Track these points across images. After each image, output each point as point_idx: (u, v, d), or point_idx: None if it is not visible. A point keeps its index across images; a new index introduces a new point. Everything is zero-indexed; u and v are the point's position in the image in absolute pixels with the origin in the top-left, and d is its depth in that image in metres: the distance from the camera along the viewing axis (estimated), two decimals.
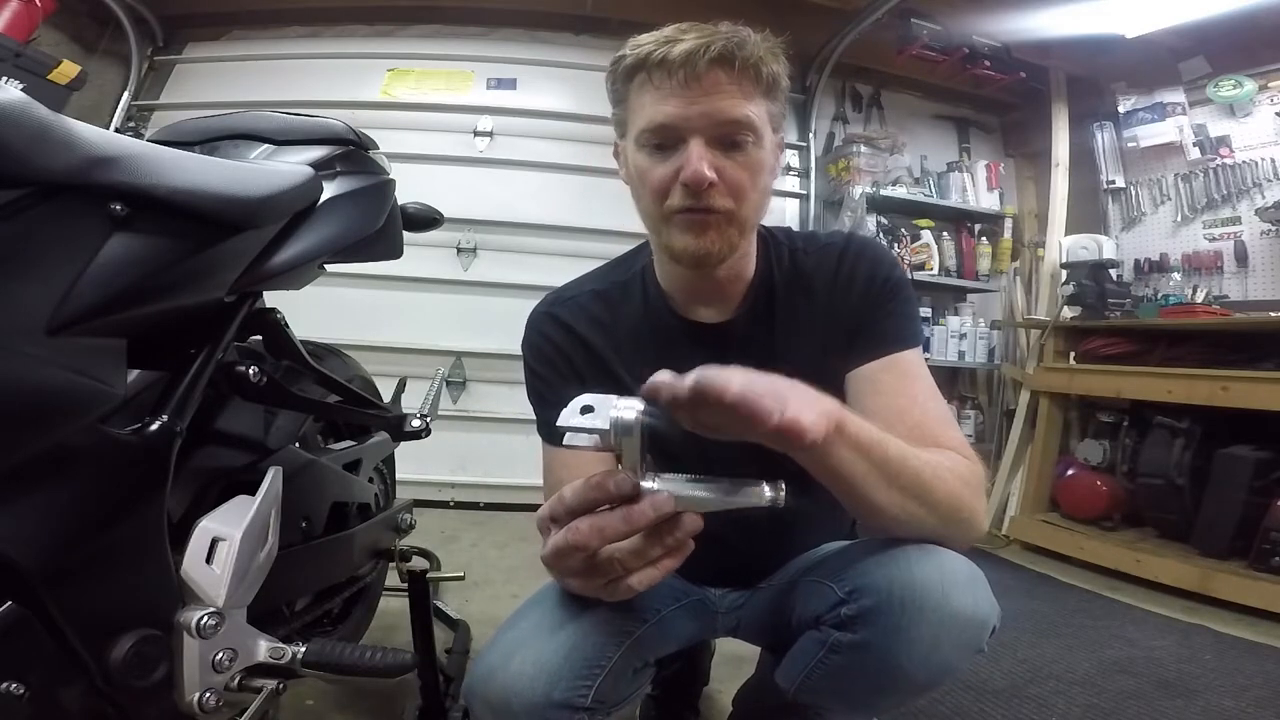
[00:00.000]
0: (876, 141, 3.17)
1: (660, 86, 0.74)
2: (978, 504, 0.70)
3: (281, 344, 0.90)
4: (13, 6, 2.42)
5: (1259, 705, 1.38)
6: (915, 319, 0.84)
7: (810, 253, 0.87)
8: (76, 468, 0.58)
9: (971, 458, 0.72)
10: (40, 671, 0.55)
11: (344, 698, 1.24)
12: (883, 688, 0.69)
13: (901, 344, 0.80)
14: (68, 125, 0.56)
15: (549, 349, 0.88)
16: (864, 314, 0.82)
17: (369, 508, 1.14)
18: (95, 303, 0.57)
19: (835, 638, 0.69)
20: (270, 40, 3.18)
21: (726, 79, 0.73)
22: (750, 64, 0.73)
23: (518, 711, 0.72)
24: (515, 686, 0.72)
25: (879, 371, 0.79)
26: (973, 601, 0.65)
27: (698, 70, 0.72)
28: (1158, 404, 2.33)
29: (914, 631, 0.63)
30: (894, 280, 0.83)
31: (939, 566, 0.65)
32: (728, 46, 0.72)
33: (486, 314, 2.91)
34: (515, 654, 0.75)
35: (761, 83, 0.75)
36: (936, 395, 0.79)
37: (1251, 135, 2.67)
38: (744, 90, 0.74)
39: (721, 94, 0.73)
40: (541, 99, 3.07)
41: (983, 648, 0.67)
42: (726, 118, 0.73)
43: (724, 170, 0.74)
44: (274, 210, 0.79)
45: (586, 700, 0.75)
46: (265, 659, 0.74)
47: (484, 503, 2.82)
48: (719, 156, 0.74)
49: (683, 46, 0.72)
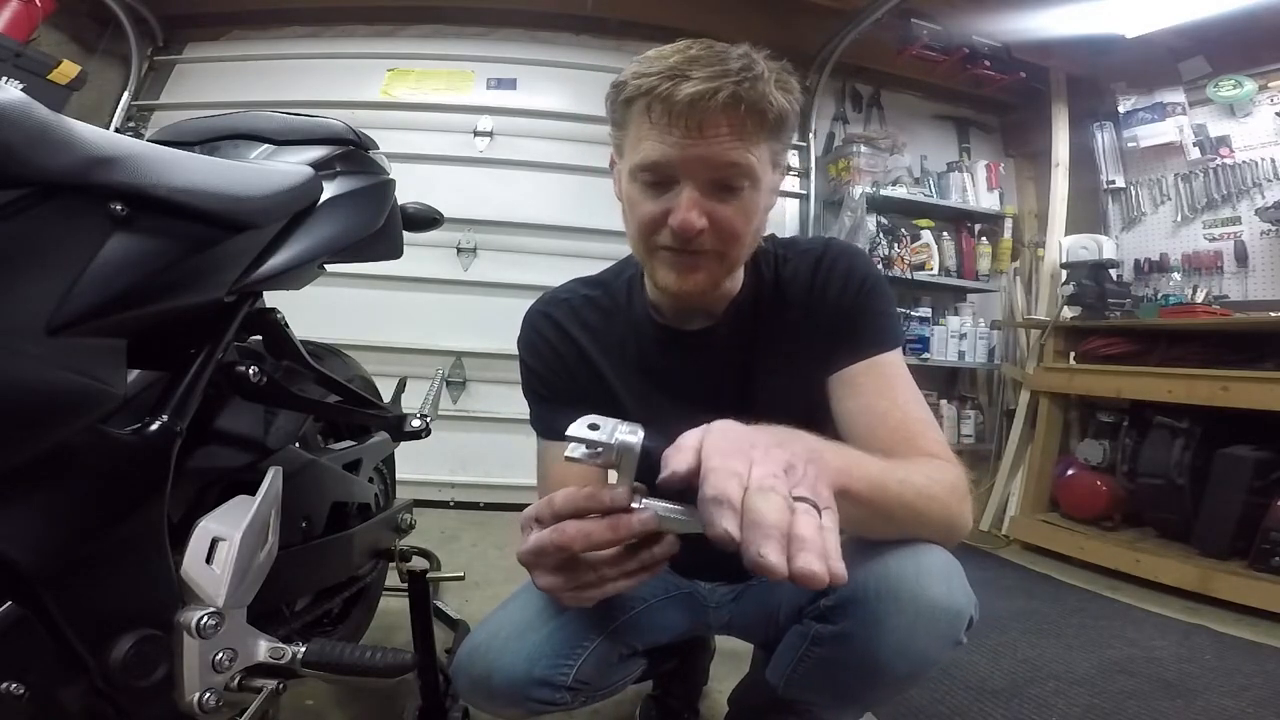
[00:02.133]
0: (876, 141, 3.16)
1: (658, 124, 0.70)
2: (965, 508, 0.71)
3: (281, 344, 0.90)
4: (13, 6, 2.42)
5: (1259, 705, 1.38)
6: (893, 319, 0.85)
7: (789, 259, 0.87)
8: (77, 468, 0.57)
9: (952, 460, 0.73)
10: (40, 671, 0.55)
11: (344, 698, 1.24)
12: (864, 679, 0.70)
13: (880, 345, 0.80)
14: (68, 125, 0.56)
15: (544, 347, 0.90)
16: (841, 318, 0.82)
17: (369, 508, 1.13)
18: (95, 303, 0.57)
19: (816, 629, 0.71)
20: (270, 40, 3.17)
21: (730, 124, 0.69)
22: (758, 108, 0.69)
23: (498, 686, 0.77)
24: (497, 663, 0.77)
25: (859, 374, 0.79)
26: (947, 591, 0.66)
27: (701, 116, 0.68)
28: (1158, 404, 2.33)
29: (890, 621, 0.65)
30: (870, 283, 0.83)
31: (915, 559, 0.67)
32: (738, 91, 0.68)
33: (486, 314, 2.91)
34: (499, 633, 0.80)
35: (767, 124, 0.71)
36: (917, 396, 0.80)
37: (1251, 135, 2.67)
38: (747, 134, 0.70)
39: (722, 140, 0.70)
40: (541, 99, 3.07)
41: (960, 639, 0.68)
42: (724, 163, 0.71)
43: (715, 214, 0.72)
44: (274, 210, 0.79)
45: (568, 680, 0.78)
46: (265, 659, 0.73)
47: (484, 503, 2.82)
48: (712, 201, 0.72)
49: (689, 89, 0.67)
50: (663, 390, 0.88)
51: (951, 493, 0.69)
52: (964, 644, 0.69)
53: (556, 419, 0.88)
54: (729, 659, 1.29)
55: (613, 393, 0.89)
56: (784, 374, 0.85)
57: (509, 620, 0.81)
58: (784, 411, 0.81)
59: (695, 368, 0.87)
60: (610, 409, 0.87)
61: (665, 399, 0.88)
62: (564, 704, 0.80)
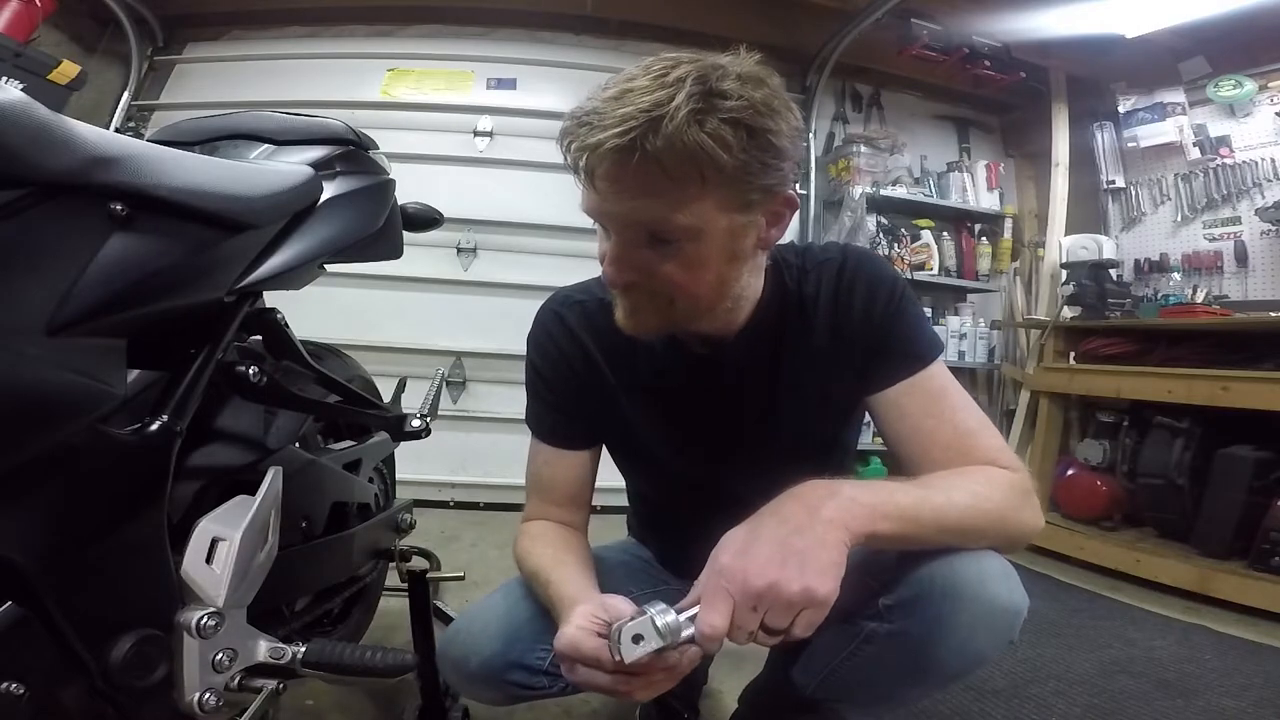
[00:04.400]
0: (876, 141, 3.16)
1: (579, 171, 0.65)
2: (1024, 515, 0.70)
3: (281, 344, 0.90)
4: (13, 6, 2.42)
5: (1259, 705, 1.38)
6: (926, 330, 0.81)
7: (809, 271, 0.83)
8: (77, 468, 0.57)
9: (1010, 464, 0.72)
10: (40, 671, 0.55)
11: (344, 698, 1.24)
12: (914, 677, 0.70)
13: (918, 361, 0.77)
14: (68, 125, 0.56)
15: (551, 349, 0.88)
16: (872, 338, 0.79)
17: (369, 508, 1.13)
18: (95, 303, 0.57)
19: (871, 628, 0.70)
20: (270, 40, 3.17)
21: (627, 177, 0.61)
22: (665, 157, 0.59)
23: (475, 667, 0.80)
24: (474, 645, 0.80)
25: (902, 396, 0.77)
26: (1007, 591, 0.66)
27: (594, 171, 0.63)
28: (1158, 404, 2.32)
29: (954, 619, 0.64)
30: (897, 295, 0.80)
31: (976, 560, 0.67)
32: (625, 141, 0.58)
33: (486, 314, 2.91)
34: (480, 618, 0.83)
35: (695, 174, 0.61)
36: (964, 403, 0.77)
37: (1251, 135, 2.67)
38: (656, 187, 0.61)
39: (622, 195, 0.63)
40: (541, 99, 3.07)
41: (1014, 638, 0.69)
42: (636, 222, 0.65)
43: (650, 267, 0.67)
44: (274, 210, 0.79)
45: (544, 664, 0.80)
46: (265, 659, 0.74)
47: (484, 503, 2.82)
48: (643, 252, 0.67)
49: (588, 138, 0.61)
50: (672, 409, 0.87)
51: (1005, 503, 0.68)
52: (1015, 643, 0.69)
53: (555, 423, 0.90)
54: (729, 658, 1.28)
55: (617, 405, 0.88)
56: (810, 396, 0.83)
57: (491, 606, 0.84)
58: (807, 435, 0.80)
59: (707, 388, 0.85)
60: (613, 421, 0.90)
61: (674, 418, 0.87)
62: (541, 689, 0.81)
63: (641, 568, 1.03)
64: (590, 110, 0.63)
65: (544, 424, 0.90)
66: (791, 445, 0.86)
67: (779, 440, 0.85)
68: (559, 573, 0.76)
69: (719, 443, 0.87)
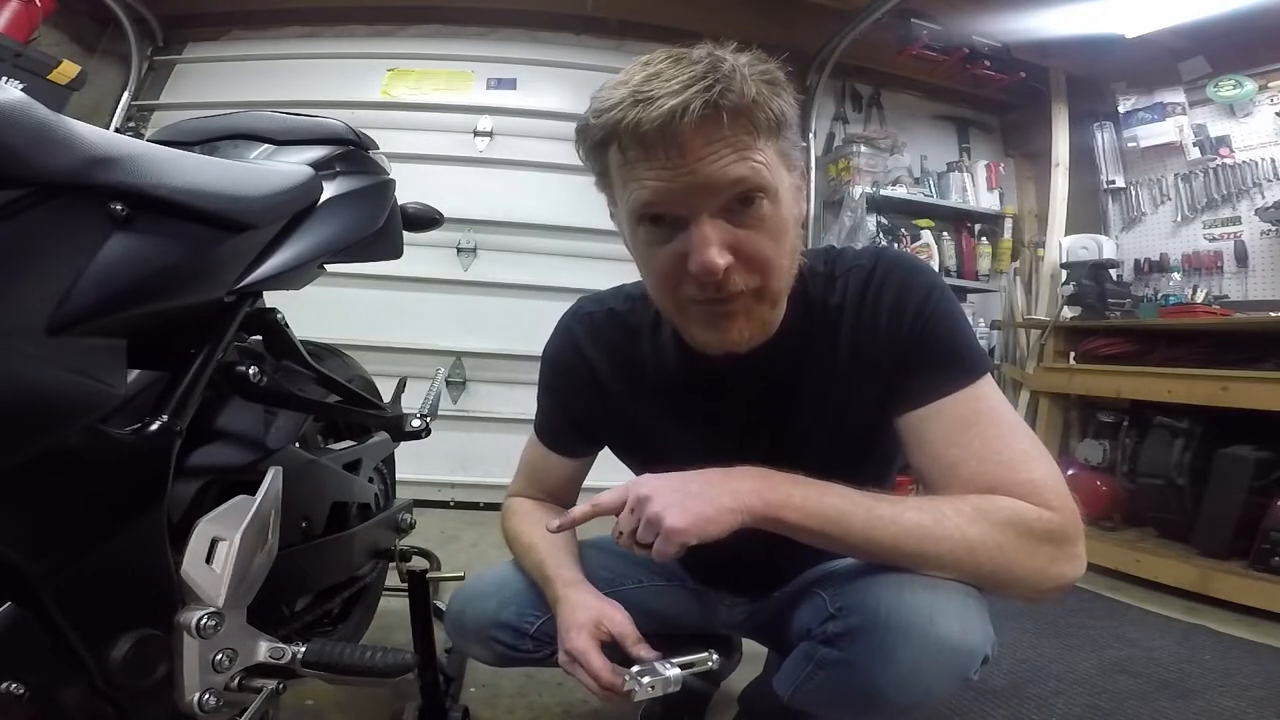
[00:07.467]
0: (876, 141, 3.17)
1: (637, 161, 0.61)
2: (1036, 560, 0.62)
3: (281, 344, 0.90)
4: (13, 6, 2.42)
5: (1259, 705, 1.38)
6: (962, 346, 0.71)
7: (837, 278, 0.76)
8: (77, 468, 0.58)
9: (1047, 503, 0.63)
10: (40, 671, 0.55)
11: (344, 698, 1.24)
12: (863, 705, 0.67)
13: (947, 385, 0.69)
14: (68, 125, 0.56)
15: (560, 360, 0.91)
16: (897, 356, 0.71)
17: (369, 508, 1.14)
18: (95, 303, 0.57)
19: (821, 653, 0.69)
20: (270, 40, 3.17)
21: (718, 135, 0.59)
22: (741, 108, 0.59)
23: (468, 623, 0.89)
24: (471, 603, 0.90)
25: (924, 421, 0.69)
26: (961, 629, 0.62)
27: (680, 139, 0.59)
28: (1158, 404, 2.32)
29: (898, 654, 0.61)
30: (929, 306, 0.71)
31: (931, 591, 0.62)
32: (710, 97, 0.58)
33: (486, 314, 2.89)
34: (483, 578, 0.93)
35: (761, 123, 0.61)
36: (1002, 431, 0.68)
37: (1251, 135, 2.67)
38: (742, 142, 0.60)
39: (716, 156, 0.60)
40: (541, 99, 3.07)
41: (970, 676, 0.65)
42: (726, 182, 0.61)
43: (740, 244, 0.63)
44: (274, 210, 0.79)
45: (531, 629, 0.86)
46: (265, 659, 0.74)
47: (484, 503, 2.81)
48: (731, 229, 0.62)
49: (655, 110, 0.58)
50: (684, 421, 0.83)
51: (992, 539, 0.61)
52: (974, 680, 0.66)
53: (558, 434, 0.94)
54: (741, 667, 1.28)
55: (623, 416, 0.87)
56: (830, 416, 0.77)
57: (495, 572, 0.93)
58: (824, 459, 0.73)
59: (720, 401, 0.80)
60: (624, 432, 0.90)
61: (685, 430, 0.83)
62: (526, 652, 0.86)
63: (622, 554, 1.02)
64: (630, 93, 0.60)
65: (546, 430, 0.95)
66: (810, 469, 0.74)
67: (801, 464, 0.74)
68: (553, 556, 0.85)
69: (735, 461, 0.84)
